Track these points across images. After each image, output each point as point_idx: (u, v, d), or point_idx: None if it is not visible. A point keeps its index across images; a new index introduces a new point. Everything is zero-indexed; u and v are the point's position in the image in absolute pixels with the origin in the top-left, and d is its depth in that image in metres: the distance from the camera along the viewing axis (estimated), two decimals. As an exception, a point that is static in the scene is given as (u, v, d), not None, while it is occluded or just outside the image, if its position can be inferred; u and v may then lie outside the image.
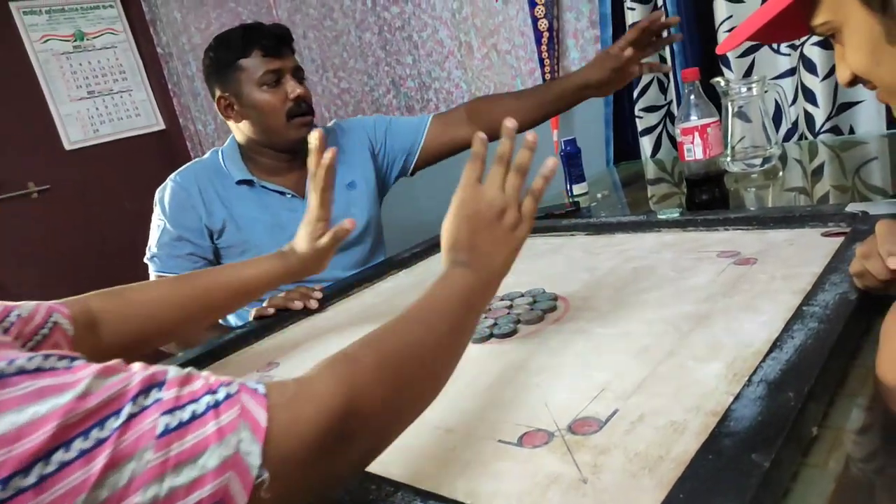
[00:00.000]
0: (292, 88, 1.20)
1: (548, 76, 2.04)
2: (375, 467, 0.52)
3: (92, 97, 2.68)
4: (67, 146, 2.60)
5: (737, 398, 0.47)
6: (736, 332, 0.62)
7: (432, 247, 1.23)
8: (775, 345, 0.53)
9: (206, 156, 1.29)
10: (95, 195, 2.65)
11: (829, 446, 0.45)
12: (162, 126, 2.86)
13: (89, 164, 2.65)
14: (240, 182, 1.24)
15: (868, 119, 1.48)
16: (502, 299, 0.87)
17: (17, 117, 2.48)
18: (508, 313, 0.80)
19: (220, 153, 1.28)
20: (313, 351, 0.85)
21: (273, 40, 1.19)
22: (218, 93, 1.23)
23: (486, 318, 0.81)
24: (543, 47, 2.01)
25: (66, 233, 2.58)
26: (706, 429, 0.46)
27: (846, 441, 0.46)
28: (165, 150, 2.83)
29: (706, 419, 0.49)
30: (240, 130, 1.25)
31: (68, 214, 2.59)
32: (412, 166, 1.40)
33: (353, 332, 0.88)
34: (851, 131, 1.51)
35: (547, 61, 2.03)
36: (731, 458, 0.40)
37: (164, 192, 1.23)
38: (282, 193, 1.26)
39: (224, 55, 1.20)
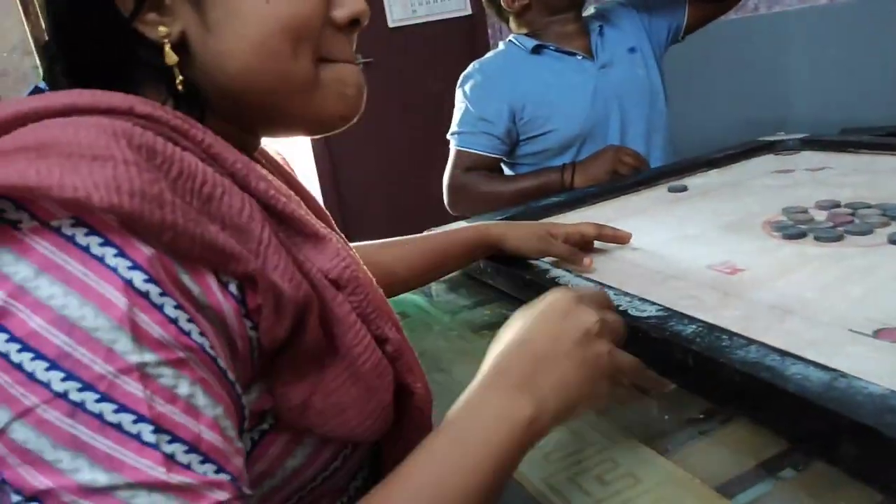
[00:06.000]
0: None
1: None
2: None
3: (406, -22, 2.90)
4: (391, 23, 2.89)
5: None
6: None
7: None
8: None
9: (499, 47, 1.40)
10: (409, 72, 2.92)
11: None
12: (469, 11, 3.01)
13: (407, 41, 2.92)
14: (534, 51, 1.32)
15: None
16: (840, 206, 0.81)
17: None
18: (852, 221, 0.76)
19: (511, 38, 1.38)
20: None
21: None
22: None
23: (830, 221, 0.77)
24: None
25: (380, 102, 2.91)
26: None
27: None
28: (468, 35, 2.98)
29: None
30: (523, 22, 1.35)
31: (386, 86, 2.90)
32: (681, 36, 1.41)
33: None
34: None
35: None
36: None
37: (468, 80, 1.36)
38: (572, 54, 1.32)
39: None
